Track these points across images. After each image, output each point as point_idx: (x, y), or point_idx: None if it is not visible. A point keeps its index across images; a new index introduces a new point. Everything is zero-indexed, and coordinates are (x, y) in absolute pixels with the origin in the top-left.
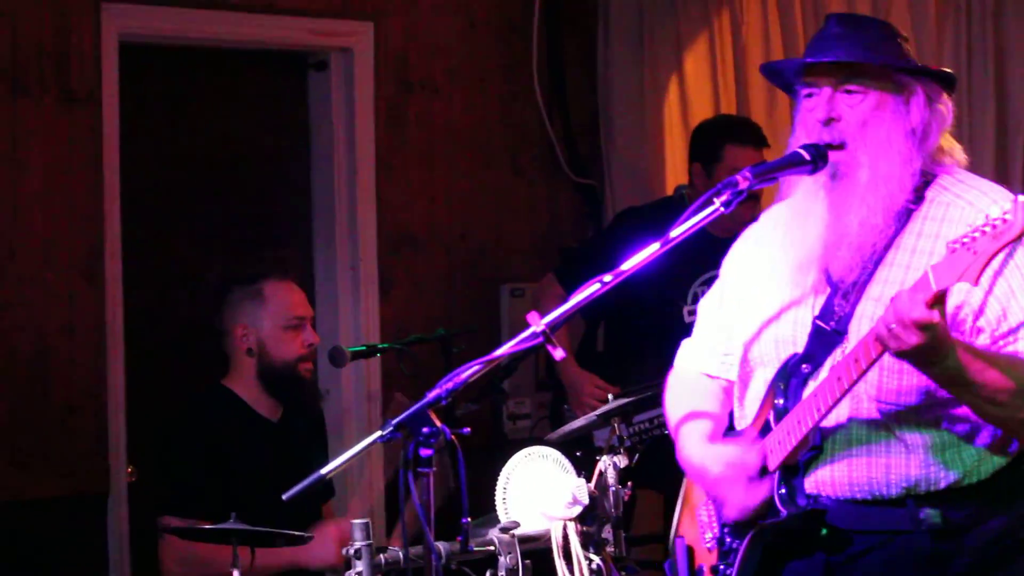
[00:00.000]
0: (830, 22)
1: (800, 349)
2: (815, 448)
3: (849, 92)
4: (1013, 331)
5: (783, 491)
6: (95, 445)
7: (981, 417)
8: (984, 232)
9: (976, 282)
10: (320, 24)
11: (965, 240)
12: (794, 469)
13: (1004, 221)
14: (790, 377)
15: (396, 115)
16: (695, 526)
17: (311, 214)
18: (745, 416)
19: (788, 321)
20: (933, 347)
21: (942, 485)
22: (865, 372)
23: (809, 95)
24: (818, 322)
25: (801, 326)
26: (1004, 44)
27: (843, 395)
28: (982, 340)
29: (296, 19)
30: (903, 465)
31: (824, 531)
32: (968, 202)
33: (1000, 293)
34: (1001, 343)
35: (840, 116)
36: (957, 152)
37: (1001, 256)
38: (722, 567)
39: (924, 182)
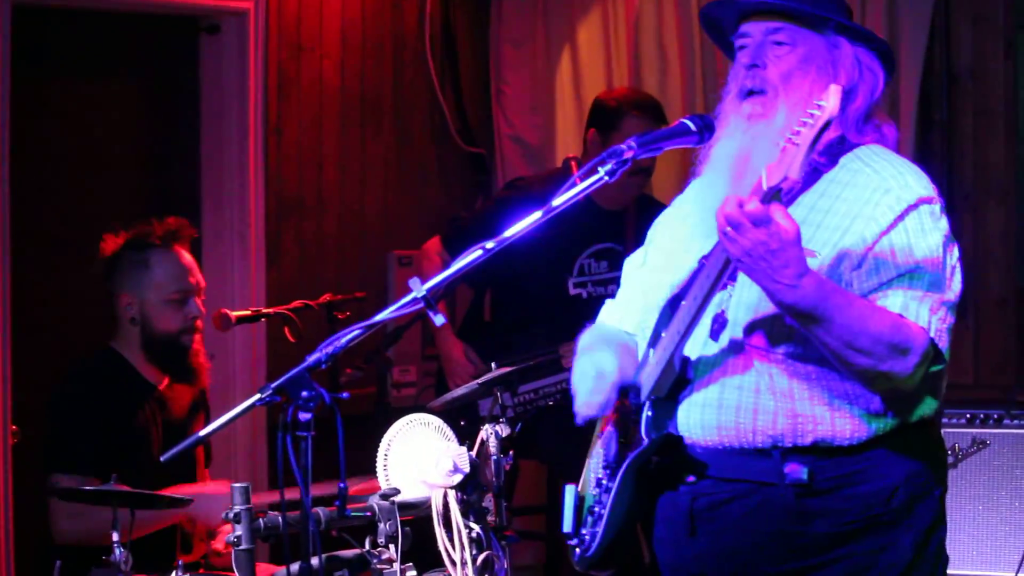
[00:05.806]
0: None
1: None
2: (686, 380)
3: (778, 43)
4: (884, 285)
5: (649, 417)
6: None
7: (843, 367)
8: (804, 124)
9: (798, 174)
10: None
11: (789, 136)
12: (669, 403)
13: (820, 108)
14: (671, 313)
15: (287, 80)
16: (589, 474)
17: (200, 179)
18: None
19: (684, 267)
20: (774, 250)
21: (808, 440)
22: (714, 287)
23: (742, 47)
24: (703, 261)
25: (690, 269)
26: (896, 36)
27: (698, 314)
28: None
29: None
30: (771, 413)
31: (693, 479)
32: (875, 171)
33: (880, 250)
34: (871, 296)
35: (765, 64)
36: (886, 129)
37: (893, 216)
38: (596, 508)
39: (842, 148)
